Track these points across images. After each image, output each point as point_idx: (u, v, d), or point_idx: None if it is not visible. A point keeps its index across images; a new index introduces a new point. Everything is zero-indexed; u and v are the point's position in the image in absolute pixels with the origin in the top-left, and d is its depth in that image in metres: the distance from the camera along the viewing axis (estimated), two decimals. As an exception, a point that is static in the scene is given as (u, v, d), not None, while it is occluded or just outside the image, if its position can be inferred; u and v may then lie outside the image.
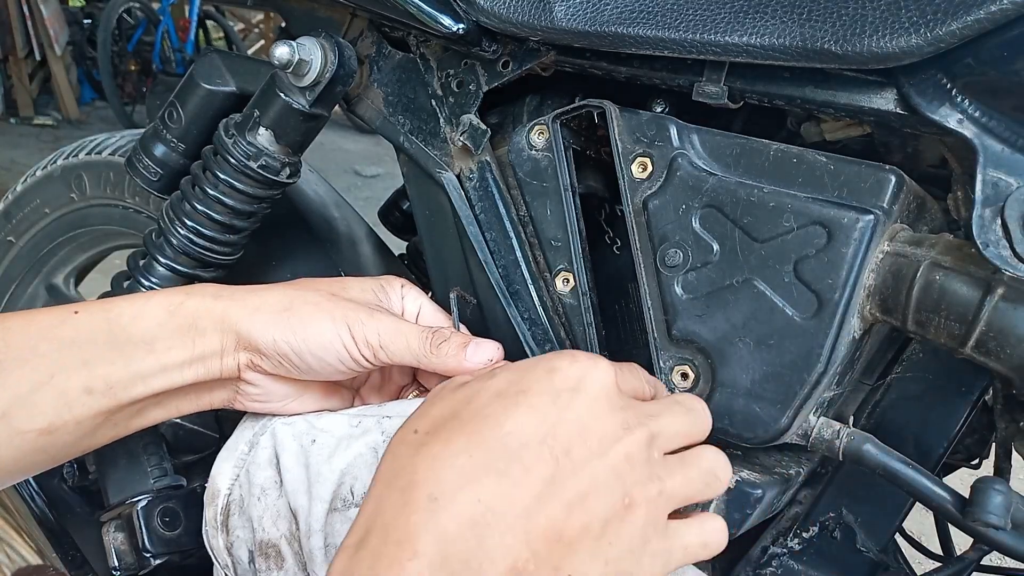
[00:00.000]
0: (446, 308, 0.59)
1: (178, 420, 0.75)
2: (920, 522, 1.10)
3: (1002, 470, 0.54)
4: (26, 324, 0.50)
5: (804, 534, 0.58)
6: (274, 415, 0.57)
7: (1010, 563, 0.59)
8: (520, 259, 0.58)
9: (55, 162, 0.98)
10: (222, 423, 0.80)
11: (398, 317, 0.54)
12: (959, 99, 0.44)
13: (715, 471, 0.42)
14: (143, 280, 0.69)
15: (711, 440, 0.43)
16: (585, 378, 0.39)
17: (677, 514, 0.40)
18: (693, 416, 0.43)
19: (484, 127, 0.59)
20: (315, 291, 0.53)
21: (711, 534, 0.41)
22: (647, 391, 0.45)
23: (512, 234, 0.58)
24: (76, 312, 0.51)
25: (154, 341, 0.50)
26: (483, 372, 0.43)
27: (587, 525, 0.36)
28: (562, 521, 0.35)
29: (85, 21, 5.16)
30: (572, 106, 0.56)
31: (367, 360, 0.52)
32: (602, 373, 0.40)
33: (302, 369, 0.52)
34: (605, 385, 0.40)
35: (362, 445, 0.52)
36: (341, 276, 0.76)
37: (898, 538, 0.58)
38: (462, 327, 0.57)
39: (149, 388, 0.51)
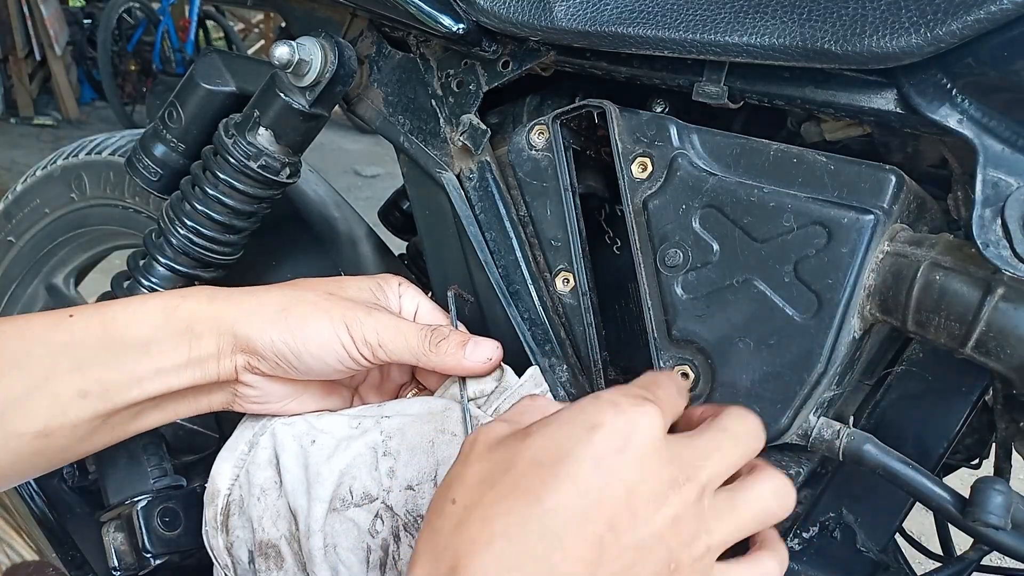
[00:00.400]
0: (444, 306, 0.59)
1: (177, 420, 0.75)
2: (920, 522, 1.10)
3: (1002, 470, 0.54)
4: (20, 328, 0.50)
5: (804, 534, 0.57)
6: (274, 416, 0.57)
7: (1010, 563, 0.59)
8: (520, 259, 0.58)
9: (55, 162, 0.98)
10: (222, 423, 0.80)
11: (396, 315, 0.54)
12: (959, 99, 0.43)
13: (770, 510, 0.40)
14: (143, 280, 0.69)
15: None
16: (631, 435, 0.36)
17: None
18: (743, 446, 0.41)
19: (484, 127, 0.59)
20: (312, 291, 0.53)
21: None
22: (681, 403, 0.43)
23: (512, 234, 0.58)
24: (71, 316, 0.51)
25: (149, 344, 0.50)
26: (519, 429, 0.40)
27: None
28: None
29: (85, 21, 5.17)
30: (572, 106, 0.56)
31: (366, 359, 0.52)
32: (648, 424, 0.37)
33: (300, 370, 0.52)
34: (651, 438, 0.37)
35: (361, 445, 0.52)
36: (340, 276, 0.76)
37: (898, 538, 0.58)
38: (460, 325, 0.57)
39: (145, 392, 0.50)
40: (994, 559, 0.72)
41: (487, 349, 0.52)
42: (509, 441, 0.39)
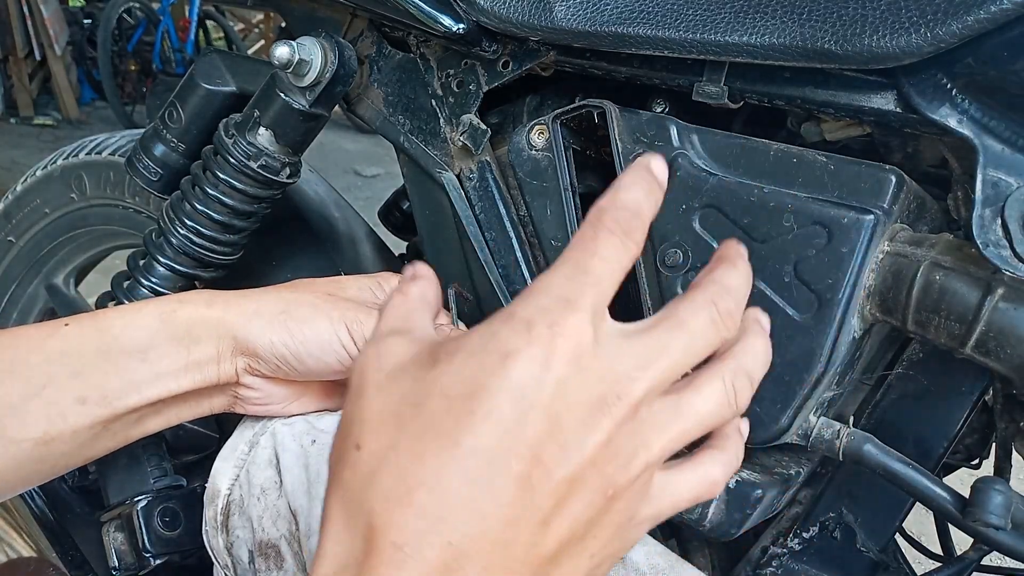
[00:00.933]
0: (445, 305, 0.59)
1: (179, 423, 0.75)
2: (920, 522, 1.10)
3: (1002, 470, 0.54)
4: (14, 338, 0.50)
5: (804, 534, 0.57)
6: (274, 416, 0.57)
7: (1010, 563, 0.59)
8: (520, 259, 0.58)
9: (55, 162, 0.98)
10: (222, 423, 0.80)
11: None
12: (959, 99, 0.44)
13: (719, 414, 0.35)
14: (143, 280, 0.69)
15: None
16: (549, 360, 0.31)
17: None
18: (701, 343, 0.35)
19: (484, 127, 0.59)
20: (311, 292, 0.53)
21: (701, 487, 0.36)
22: (628, 262, 0.34)
23: (512, 234, 0.58)
24: (66, 325, 0.50)
25: (147, 350, 0.50)
26: (421, 352, 0.34)
27: (569, 533, 0.32)
28: (541, 540, 0.31)
29: (85, 21, 5.16)
30: (572, 106, 0.56)
31: None
32: (568, 344, 0.31)
33: (300, 371, 0.52)
34: (575, 357, 0.32)
35: None
36: (340, 276, 0.76)
37: (898, 538, 0.58)
38: (460, 324, 0.57)
39: (144, 397, 0.50)
40: (994, 559, 0.72)
41: None
42: (413, 370, 0.33)
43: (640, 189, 0.35)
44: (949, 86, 0.43)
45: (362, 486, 0.32)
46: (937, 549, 0.66)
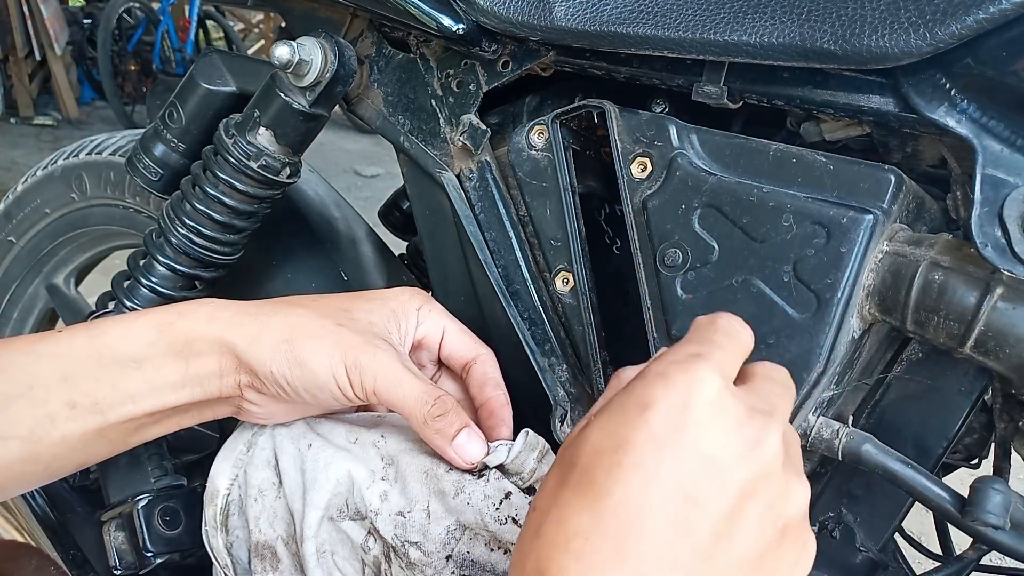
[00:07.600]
0: (447, 309, 0.58)
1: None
2: (920, 522, 1.10)
3: (1001, 470, 0.54)
4: (5, 341, 0.49)
5: (803, 533, 0.57)
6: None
7: (1010, 563, 0.59)
8: (520, 259, 0.58)
9: (55, 162, 0.98)
10: (223, 423, 0.80)
11: (404, 364, 0.51)
12: (958, 99, 0.44)
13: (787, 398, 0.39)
14: (143, 280, 0.69)
15: None
16: (689, 405, 0.33)
17: None
18: (787, 383, 0.40)
19: (484, 127, 0.59)
20: (320, 318, 0.51)
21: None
22: (747, 340, 0.39)
23: (512, 234, 0.58)
24: (59, 332, 0.50)
25: (142, 361, 0.49)
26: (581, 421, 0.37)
27: (739, 569, 0.33)
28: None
29: (85, 21, 5.16)
30: (572, 106, 0.56)
31: (361, 400, 0.51)
32: (708, 388, 0.34)
33: (297, 402, 0.51)
34: (715, 401, 0.34)
35: (358, 464, 0.51)
36: (343, 277, 0.76)
37: (897, 538, 0.58)
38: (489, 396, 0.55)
39: (140, 408, 0.49)
40: (994, 559, 0.72)
41: (475, 450, 0.49)
42: (573, 437, 0.37)
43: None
44: (948, 86, 0.43)
45: (531, 538, 0.35)
46: (936, 549, 0.66)
